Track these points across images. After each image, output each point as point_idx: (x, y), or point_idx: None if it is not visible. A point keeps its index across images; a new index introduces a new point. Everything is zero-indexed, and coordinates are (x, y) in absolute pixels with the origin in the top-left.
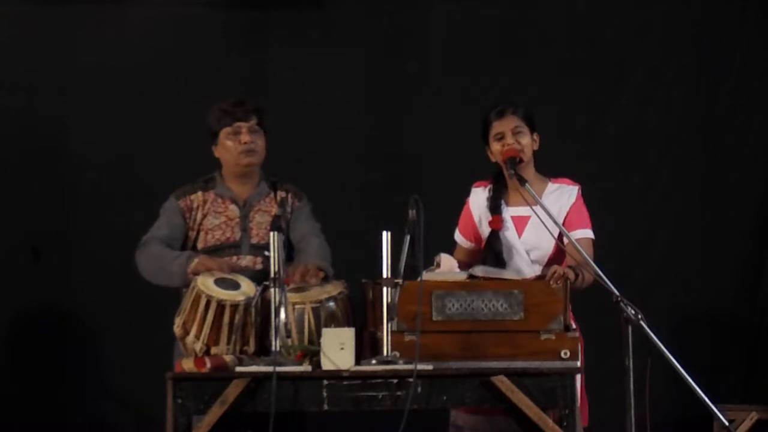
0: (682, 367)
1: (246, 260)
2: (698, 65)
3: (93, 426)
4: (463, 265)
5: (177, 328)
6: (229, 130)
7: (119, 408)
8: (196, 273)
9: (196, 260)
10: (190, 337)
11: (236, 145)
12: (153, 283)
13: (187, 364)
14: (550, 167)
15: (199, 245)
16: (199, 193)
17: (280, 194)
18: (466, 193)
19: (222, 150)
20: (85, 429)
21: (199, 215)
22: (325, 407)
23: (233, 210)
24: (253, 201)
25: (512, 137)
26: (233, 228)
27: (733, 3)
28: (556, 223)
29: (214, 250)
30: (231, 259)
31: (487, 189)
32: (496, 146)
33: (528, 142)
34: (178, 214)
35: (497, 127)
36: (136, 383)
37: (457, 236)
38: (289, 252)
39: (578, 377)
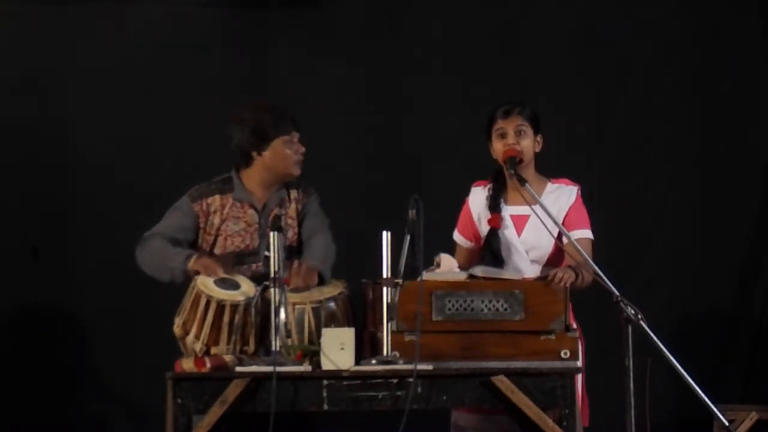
0: (682, 367)
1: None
2: (698, 65)
3: (93, 426)
4: (463, 268)
5: (177, 328)
6: (287, 138)
7: (119, 408)
8: (196, 272)
9: (194, 259)
10: (190, 337)
11: (293, 154)
12: (154, 279)
13: (187, 364)
14: (550, 167)
15: (218, 251)
16: (217, 197)
17: (293, 193)
18: (466, 193)
19: (273, 156)
20: (85, 429)
21: (218, 220)
22: (325, 407)
23: (252, 215)
24: (272, 205)
25: (514, 137)
26: (252, 234)
27: (733, 3)
28: (555, 222)
29: (234, 257)
30: (251, 267)
31: (487, 188)
32: (497, 144)
33: (529, 143)
34: (190, 217)
35: (500, 124)
36: (136, 383)
37: (456, 236)
38: (298, 248)
39: (579, 377)
